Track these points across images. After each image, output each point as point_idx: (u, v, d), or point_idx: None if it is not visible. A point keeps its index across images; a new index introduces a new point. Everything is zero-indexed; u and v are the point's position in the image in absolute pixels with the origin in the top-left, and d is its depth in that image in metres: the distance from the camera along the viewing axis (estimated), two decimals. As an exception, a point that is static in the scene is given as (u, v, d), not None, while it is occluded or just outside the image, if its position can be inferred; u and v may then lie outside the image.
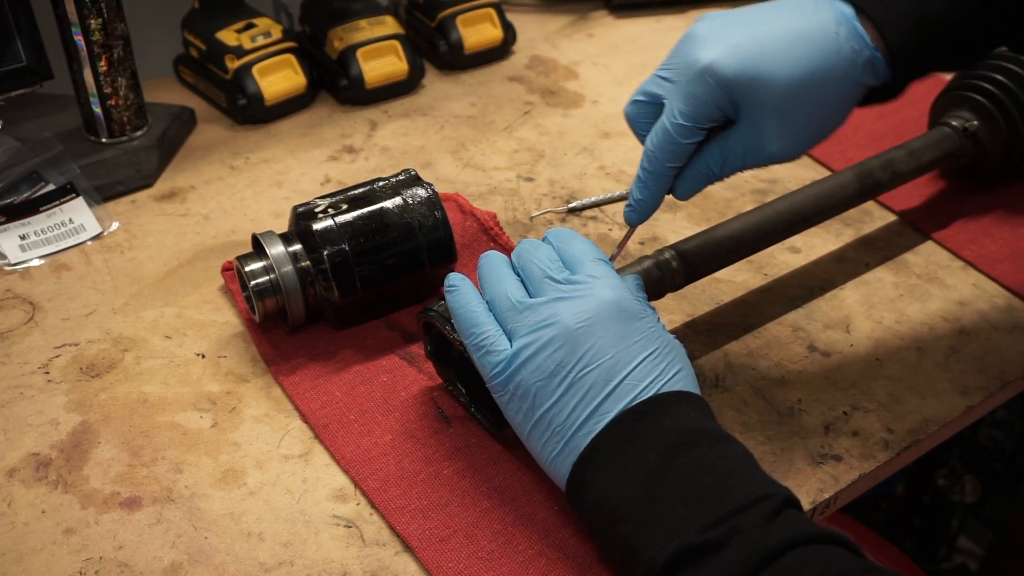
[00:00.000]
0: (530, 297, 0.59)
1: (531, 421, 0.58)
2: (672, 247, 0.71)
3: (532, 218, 0.87)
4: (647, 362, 0.57)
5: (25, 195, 0.85)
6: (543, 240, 0.64)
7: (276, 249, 0.70)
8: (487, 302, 0.61)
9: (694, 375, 0.59)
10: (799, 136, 0.62)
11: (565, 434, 0.56)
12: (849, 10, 0.61)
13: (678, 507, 0.52)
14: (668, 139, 0.62)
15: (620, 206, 0.89)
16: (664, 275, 0.70)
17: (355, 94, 1.01)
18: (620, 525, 0.53)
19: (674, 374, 0.57)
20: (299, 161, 0.94)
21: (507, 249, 0.81)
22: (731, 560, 0.49)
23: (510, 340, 0.59)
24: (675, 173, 0.64)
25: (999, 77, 0.85)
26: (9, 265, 0.80)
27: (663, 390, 0.57)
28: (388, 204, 0.72)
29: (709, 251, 0.72)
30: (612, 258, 0.66)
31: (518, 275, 0.62)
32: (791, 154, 0.63)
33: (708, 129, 0.62)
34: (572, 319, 0.57)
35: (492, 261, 0.63)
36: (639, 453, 0.54)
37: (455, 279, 0.62)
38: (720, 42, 0.60)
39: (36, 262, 0.81)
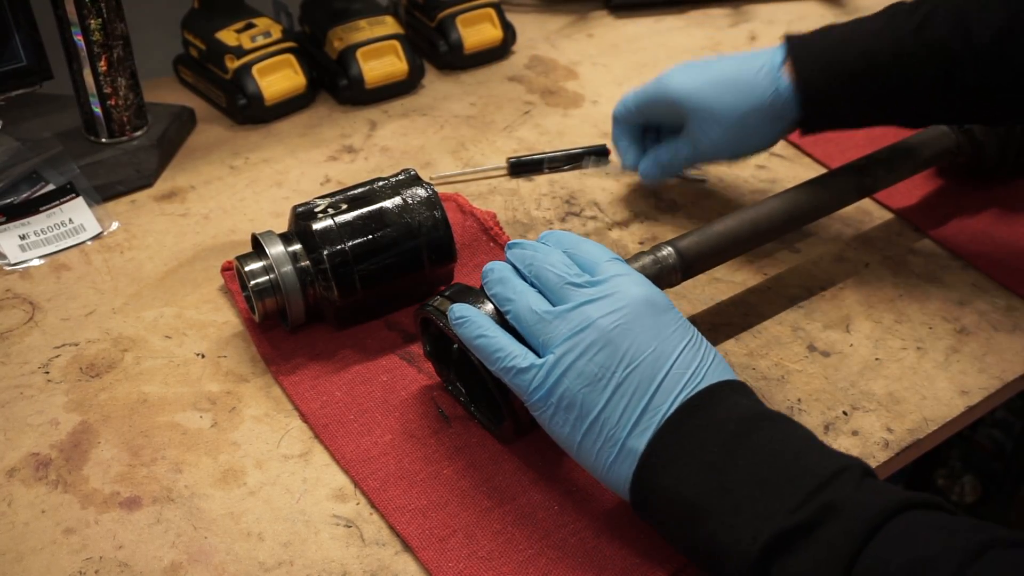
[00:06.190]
0: (553, 306, 0.59)
1: (581, 430, 0.56)
2: (669, 243, 0.71)
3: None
4: (687, 351, 0.57)
5: (25, 195, 0.85)
6: (542, 243, 0.64)
7: (276, 249, 0.70)
8: (511, 319, 0.60)
9: (724, 359, 0.59)
10: (694, 74, 0.79)
11: (619, 438, 0.55)
12: (780, 55, 0.77)
13: (756, 494, 0.51)
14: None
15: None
16: (662, 271, 0.70)
17: (355, 94, 1.01)
18: (701, 524, 0.52)
19: (712, 360, 0.57)
20: (299, 161, 0.94)
21: (507, 249, 0.82)
22: (832, 537, 0.48)
23: (542, 353, 0.58)
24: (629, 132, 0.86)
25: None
26: (9, 265, 0.80)
27: (706, 377, 0.56)
28: (388, 204, 0.72)
29: (706, 247, 0.72)
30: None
31: (532, 285, 0.61)
32: (683, 82, 0.79)
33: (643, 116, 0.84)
34: (606, 320, 0.56)
35: (502, 274, 0.62)
36: (700, 449, 0.53)
37: (460, 311, 0.61)
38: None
39: (36, 262, 0.81)
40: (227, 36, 0.98)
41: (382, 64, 1.01)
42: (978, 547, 0.47)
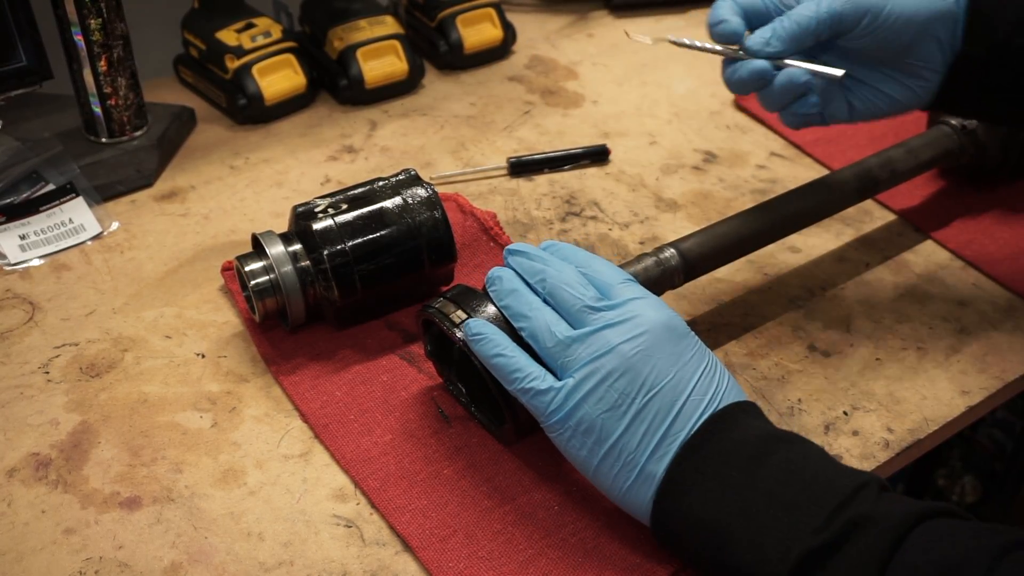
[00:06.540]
0: (572, 327, 0.59)
1: (599, 454, 0.56)
2: (671, 245, 0.71)
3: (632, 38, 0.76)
4: (704, 377, 0.57)
5: (25, 195, 0.85)
6: (546, 252, 0.63)
7: (276, 249, 0.70)
8: (527, 336, 0.60)
9: (736, 381, 0.59)
10: None
11: (637, 462, 0.55)
12: None
13: (780, 515, 0.51)
14: None
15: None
16: (664, 273, 0.70)
17: (355, 94, 1.01)
18: (726, 546, 0.52)
19: (727, 383, 0.58)
20: (299, 161, 0.94)
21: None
22: (859, 552, 0.49)
23: (560, 374, 0.58)
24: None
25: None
26: (9, 265, 0.80)
27: (722, 401, 0.56)
28: (388, 204, 0.72)
29: (708, 248, 0.72)
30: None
31: (544, 301, 0.60)
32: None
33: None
34: (627, 346, 0.56)
35: (512, 285, 0.61)
36: (719, 472, 0.54)
37: (477, 327, 0.60)
38: None
39: (36, 262, 0.81)
40: (227, 36, 0.98)
41: (382, 64, 1.01)
42: (1000, 550, 0.48)
